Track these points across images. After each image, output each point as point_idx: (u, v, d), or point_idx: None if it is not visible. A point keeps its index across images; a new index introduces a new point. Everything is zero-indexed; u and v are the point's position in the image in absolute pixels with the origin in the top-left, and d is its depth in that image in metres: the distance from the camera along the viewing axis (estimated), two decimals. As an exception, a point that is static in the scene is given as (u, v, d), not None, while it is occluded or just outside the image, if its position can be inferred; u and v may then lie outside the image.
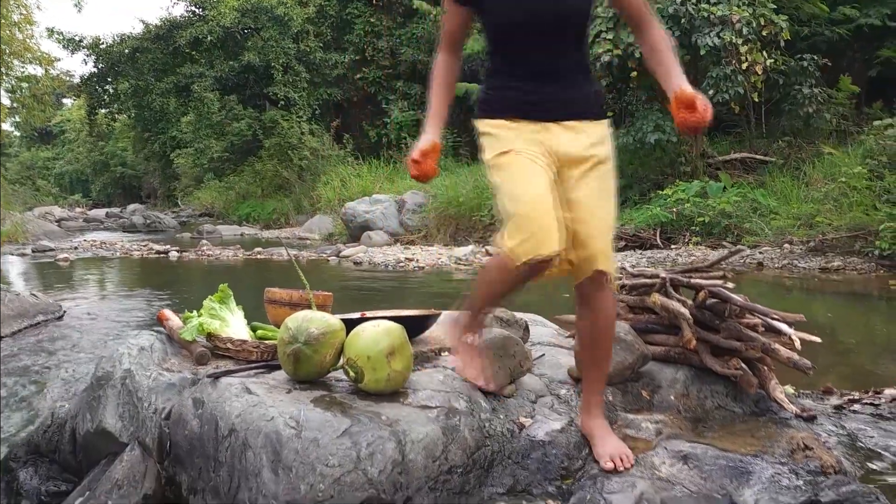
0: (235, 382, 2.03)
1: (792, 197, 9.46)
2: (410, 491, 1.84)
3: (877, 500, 1.72)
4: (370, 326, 2.10)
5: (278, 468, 1.79)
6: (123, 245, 11.97)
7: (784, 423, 2.32)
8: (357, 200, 13.85)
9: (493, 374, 2.23)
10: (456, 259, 9.44)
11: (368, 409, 1.98)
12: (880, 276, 7.18)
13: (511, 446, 2.06)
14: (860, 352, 4.30)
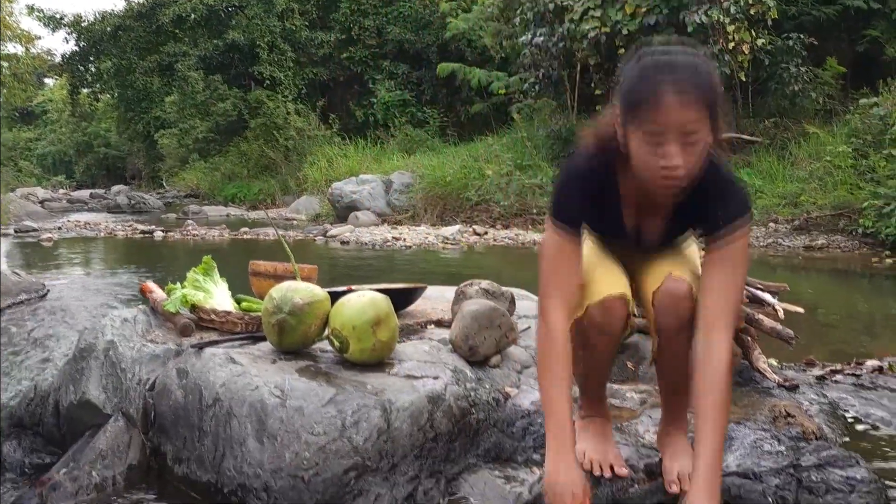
0: (220, 353, 2.02)
1: (777, 176, 9.51)
2: (396, 458, 1.85)
3: (857, 465, 1.73)
4: (355, 297, 2.09)
5: (263, 437, 1.79)
6: (108, 225, 11.86)
7: (767, 392, 2.34)
8: (344, 181, 13.77)
9: (480, 343, 2.23)
10: (443, 238, 9.43)
11: (354, 378, 1.98)
12: (863, 254, 7.25)
13: (496, 415, 2.07)
14: (842, 327, 4.34)
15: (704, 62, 1.42)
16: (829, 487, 1.68)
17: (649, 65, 1.40)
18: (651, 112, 1.37)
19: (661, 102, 1.36)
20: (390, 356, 2.13)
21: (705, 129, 1.38)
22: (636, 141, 1.42)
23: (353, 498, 1.78)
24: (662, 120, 1.36)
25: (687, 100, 1.35)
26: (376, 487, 1.80)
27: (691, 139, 1.37)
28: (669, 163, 1.38)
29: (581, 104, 12.33)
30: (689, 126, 1.36)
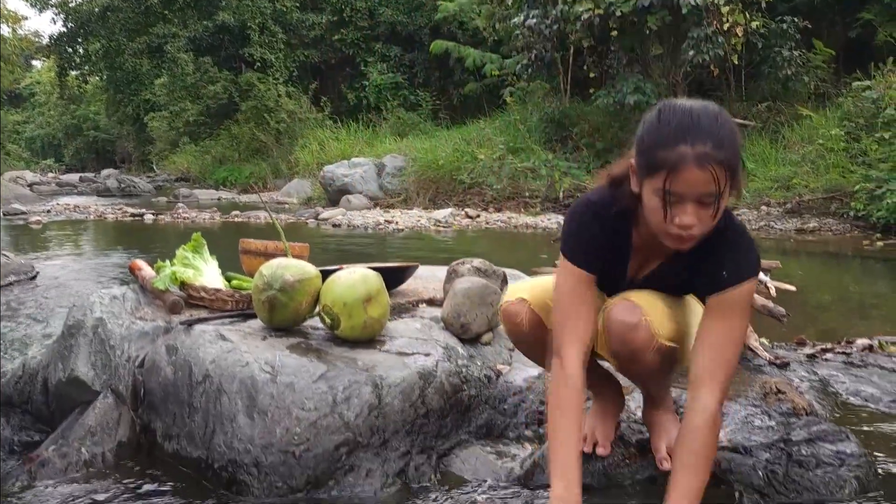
0: (209, 329, 2.01)
1: (770, 160, 9.51)
2: (387, 434, 1.84)
3: (847, 439, 1.74)
4: (346, 274, 2.08)
5: (253, 413, 1.78)
6: (97, 208, 11.77)
7: (758, 369, 2.35)
8: (336, 164, 13.68)
9: (472, 320, 2.23)
10: (435, 221, 9.42)
11: (345, 355, 1.97)
12: (854, 237, 7.27)
13: (488, 392, 2.06)
14: (833, 309, 4.36)
15: (727, 124, 1.35)
16: (819, 461, 1.68)
17: (671, 127, 1.34)
18: (670, 178, 1.33)
19: (681, 171, 1.31)
20: (382, 333, 2.12)
21: (726, 190, 1.35)
22: (651, 196, 1.38)
23: (345, 473, 1.77)
24: (682, 189, 1.33)
25: (709, 169, 1.31)
26: (367, 463, 1.80)
27: (710, 200, 1.34)
28: (683, 223, 1.35)
29: (574, 87, 12.29)
30: (709, 191, 1.33)
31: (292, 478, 1.73)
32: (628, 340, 1.52)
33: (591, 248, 1.53)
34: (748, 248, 1.46)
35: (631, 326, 1.51)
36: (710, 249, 1.47)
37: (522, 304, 1.65)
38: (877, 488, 1.65)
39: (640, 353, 1.53)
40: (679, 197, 1.34)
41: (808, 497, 1.62)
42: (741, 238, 1.47)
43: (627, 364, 1.60)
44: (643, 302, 1.54)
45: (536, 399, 2.06)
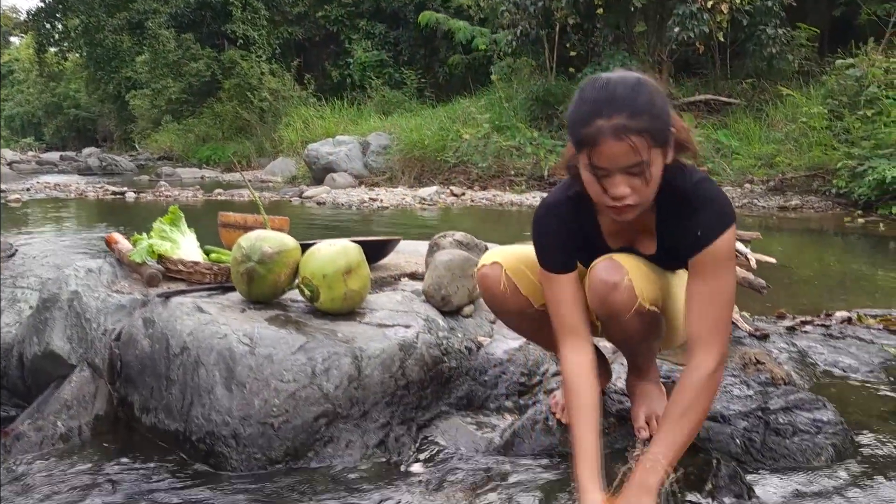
0: (187, 302, 1.99)
1: (754, 138, 9.53)
2: (367, 405, 1.83)
3: (823, 407, 1.76)
4: (326, 245, 2.06)
5: (232, 384, 1.77)
6: (78, 187, 11.62)
7: (738, 341, 2.36)
8: (320, 142, 13.57)
9: (453, 293, 2.22)
10: (420, 199, 9.38)
11: (324, 326, 1.95)
12: (836, 214, 7.32)
13: (469, 363, 2.06)
14: (814, 284, 4.39)
15: (645, 92, 1.34)
16: (796, 429, 1.70)
17: (589, 103, 1.34)
18: (593, 153, 1.34)
19: (600, 145, 1.32)
20: (362, 306, 2.11)
21: (654, 157, 1.34)
22: (584, 172, 1.39)
23: (324, 445, 1.76)
24: (605, 163, 1.33)
25: (627, 140, 1.30)
26: (347, 434, 1.79)
27: (637, 170, 1.34)
28: (616, 195, 1.36)
29: (560, 65, 12.22)
30: (633, 161, 1.32)
31: (271, 449, 1.72)
32: (610, 300, 1.51)
33: (561, 249, 1.55)
34: (717, 200, 1.45)
35: (612, 286, 1.49)
36: (680, 213, 1.47)
37: (496, 268, 1.64)
38: (853, 455, 1.66)
39: (621, 315, 1.52)
40: (605, 171, 1.34)
41: (784, 464, 1.63)
42: (708, 193, 1.45)
43: (608, 325, 1.59)
44: (627, 263, 1.52)
45: (517, 371, 2.06)
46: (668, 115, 1.37)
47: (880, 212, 6.98)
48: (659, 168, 1.37)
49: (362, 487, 1.64)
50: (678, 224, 1.48)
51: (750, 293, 2.61)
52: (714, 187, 1.47)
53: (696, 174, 1.47)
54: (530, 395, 1.99)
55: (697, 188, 1.45)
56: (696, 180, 1.45)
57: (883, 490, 1.50)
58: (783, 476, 1.58)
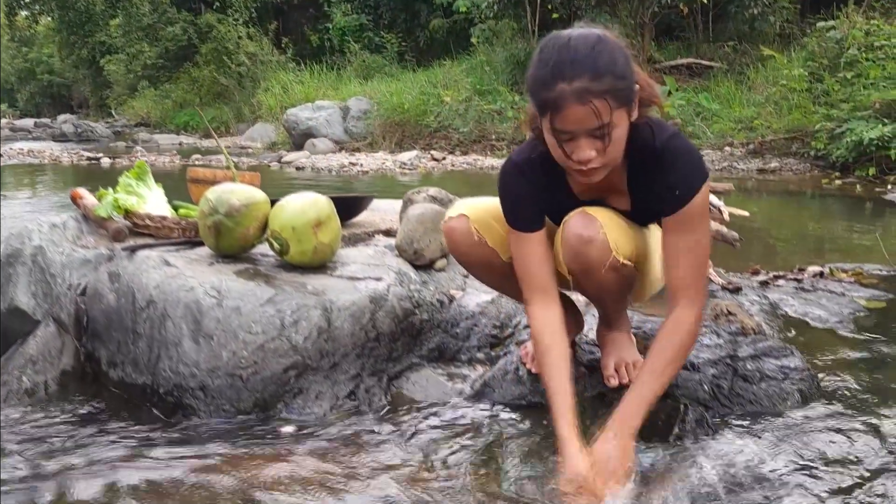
0: (153, 255, 1.95)
1: (734, 101, 9.53)
2: (337, 357, 1.82)
3: (791, 355, 1.77)
4: (295, 198, 2.02)
5: (199, 337, 1.74)
6: (52, 153, 11.41)
7: (711, 294, 2.37)
8: (299, 107, 13.38)
9: (425, 246, 2.20)
10: (400, 164, 9.32)
11: (294, 279, 1.93)
12: (814, 176, 7.37)
13: (441, 316, 2.05)
14: (790, 243, 4.42)
15: (606, 51, 1.30)
16: (764, 376, 1.71)
17: (550, 66, 1.30)
18: (556, 118, 1.31)
19: (563, 110, 1.29)
20: (333, 259, 2.09)
21: (617, 117, 1.31)
22: (548, 135, 1.37)
23: (294, 396, 1.76)
24: (569, 126, 1.31)
25: (590, 104, 1.27)
26: (317, 385, 1.78)
27: (601, 133, 1.31)
28: (581, 158, 1.34)
29: (542, 28, 12.08)
30: (596, 124, 1.30)
31: (240, 401, 1.71)
32: (584, 255, 1.49)
33: (529, 208, 1.53)
34: (689, 157, 1.43)
35: (587, 240, 1.48)
36: (651, 171, 1.45)
37: (463, 221, 1.62)
38: (818, 400, 1.68)
39: (596, 269, 1.51)
40: (569, 134, 1.32)
41: (752, 409, 1.65)
42: (679, 149, 1.43)
43: (582, 279, 1.57)
44: (602, 216, 1.50)
45: (489, 323, 2.05)
46: (631, 73, 1.35)
47: (857, 173, 7.03)
48: (624, 128, 1.35)
49: (332, 438, 1.63)
50: (651, 182, 1.46)
51: (725, 250, 2.62)
52: (685, 143, 1.46)
53: (667, 130, 1.45)
54: (502, 347, 1.99)
55: (668, 145, 1.43)
56: (666, 137, 1.43)
57: (846, 433, 1.51)
58: (750, 420, 1.59)
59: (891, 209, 5.57)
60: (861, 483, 1.31)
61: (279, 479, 1.43)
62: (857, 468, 1.37)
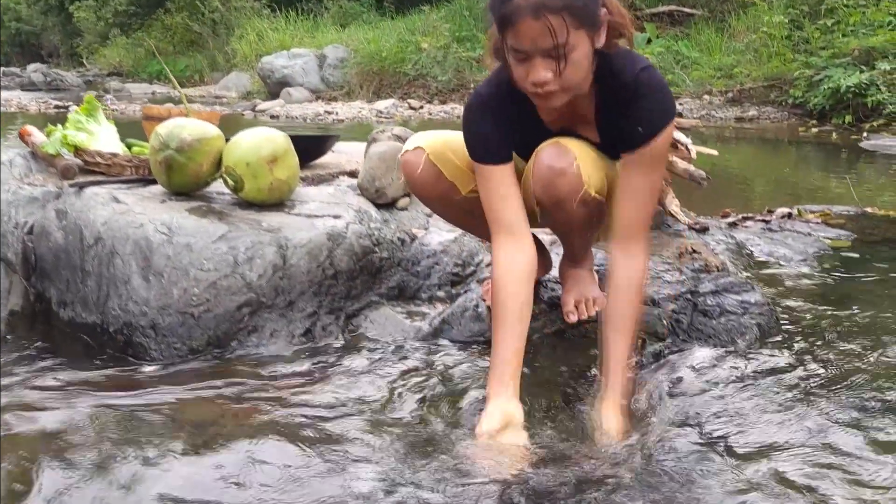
0: (102, 192, 1.89)
1: (715, 49, 9.42)
2: (293, 295, 1.78)
3: (752, 290, 1.76)
4: (250, 133, 1.96)
5: (149, 274, 1.70)
6: (20, 101, 11.10)
7: (677, 234, 2.34)
8: (274, 55, 13.08)
9: (387, 185, 2.15)
10: (377, 112, 9.18)
11: (249, 217, 1.88)
12: (791, 125, 7.35)
13: (401, 254, 2.01)
14: (765, 192, 4.42)
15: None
16: (723, 310, 1.70)
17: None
18: (512, 35, 1.25)
19: (518, 25, 1.23)
20: (291, 198, 2.03)
21: (576, 38, 1.24)
22: (508, 55, 1.31)
23: (248, 334, 1.72)
24: (524, 44, 1.25)
25: (543, 17, 1.21)
26: (272, 324, 1.75)
27: (556, 52, 1.24)
28: (536, 80, 1.28)
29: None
30: (550, 43, 1.23)
31: (192, 339, 1.67)
32: (555, 187, 1.43)
33: (495, 139, 1.45)
34: (659, 92, 1.37)
35: (559, 172, 1.42)
36: (620, 103, 1.39)
37: (419, 154, 1.56)
38: (777, 334, 1.68)
39: (566, 202, 1.46)
40: (525, 53, 1.26)
41: (710, 343, 1.64)
42: (650, 83, 1.37)
43: (551, 213, 1.52)
44: (575, 148, 1.44)
45: (451, 261, 2.02)
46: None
47: (834, 121, 7.02)
48: (584, 52, 1.28)
49: (286, 375, 1.60)
50: (619, 114, 1.40)
51: (700, 194, 2.59)
52: (657, 76, 1.39)
53: (640, 62, 1.39)
54: (463, 285, 1.96)
55: (639, 77, 1.36)
56: (639, 69, 1.37)
57: (801, 365, 1.51)
58: (707, 354, 1.58)
59: (865, 156, 5.58)
60: (810, 412, 1.31)
61: (225, 415, 1.40)
62: (808, 398, 1.37)
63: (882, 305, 1.86)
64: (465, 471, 1.18)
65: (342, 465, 1.21)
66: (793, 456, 1.18)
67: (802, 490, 1.09)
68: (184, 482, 1.14)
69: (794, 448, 1.20)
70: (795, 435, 1.24)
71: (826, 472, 1.13)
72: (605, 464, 1.21)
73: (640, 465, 1.19)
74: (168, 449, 1.25)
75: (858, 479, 1.11)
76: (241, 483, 1.15)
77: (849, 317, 1.78)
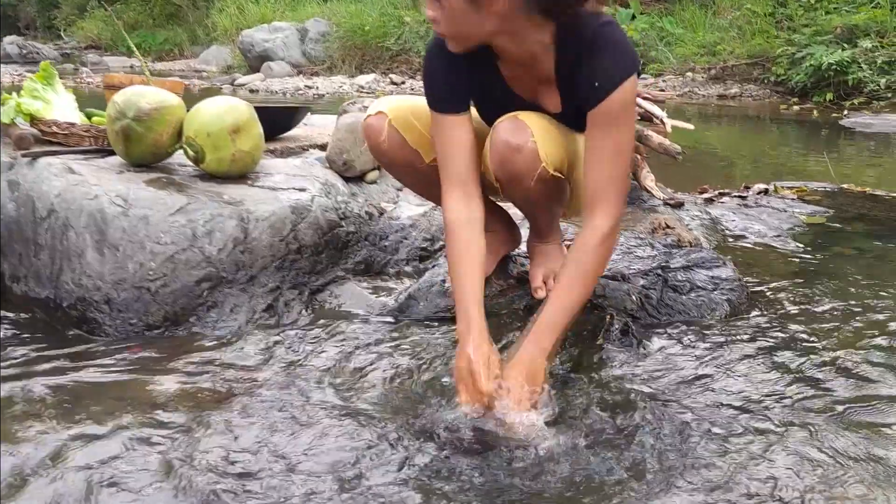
0: (56, 163, 1.82)
1: (699, 25, 9.35)
2: (255, 270, 1.73)
3: (724, 265, 1.73)
4: (212, 102, 1.89)
5: (104, 248, 1.64)
6: (-8, 74, 10.85)
7: (652, 209, 2.31)
8: (255, 28, 12.85)
9: (355, 157, 2.09)
10: (358, 87, 9.05)
11: (210, 189, 1.82)
12: (773, 102, 7.33)
13: (369, 228, 1.96)
14: (744, 167, 4.40)
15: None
16: (694, 286, 1.67)
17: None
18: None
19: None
20: (255, 169, 1.97)
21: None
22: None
23: (207, 309, 1.67)
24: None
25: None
26: (233, 299, 1.70)
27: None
28: (426, 16, 1.29)
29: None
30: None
31: (148, 314, 1.62)
32: (511, 164, 1.39)
33: (450, 86, 1.41)
34: (618, 46, 1.31)
35: (515, 148, 1.37)
36: (580, 59, 1.33)
37: (381, 119, 1.51)
38: (747, 310, 1.65)
39: (523, 179, 1.41)
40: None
41: (679, 318, 1.61)
42: (609, 37, 1.31)
43: (509, 189, 1.47)
44: (533, 123, 1.39)
45: (420, 236, 1.98)
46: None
47: (815, 99, 7.00)
48: (458, 6, 1.24)
49: (246, 352, 1.56)
50: (578, 71, 1.35)
51: (679, 170, 2.57)
52: (616, 32, 1.33)
53: (601, 18, 1.34)
54: (432, 260, 1.92)
55: (598, 31, 1.30)
56: (598, 24, 1.31)
57: (770, 340, 1.49)
58: (676, 330, 1.56)
59: (845, 134, 5.57)
60: (774, 390, 1.28)
61: (178, 394, 1.36)
62: (773, 373, 1.34)
63: (853, 281, 1.85)
64: (430, 446, 1.15)
65: (295, 447, 1.18)
66: (755, 430, 1.16)
67: (769, 474, 1.07)
68: (124, 462, 1.10)
69: (757, 422, 1.18)
70: (756, 410, 1.22)
71: (791, 448, 1.11)
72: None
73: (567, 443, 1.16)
74: (115, 427, 1.21)
75: (825, 457, 1.09)
76: (188, 463, 1.11)
77: (819, 292, 1.75)
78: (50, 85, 2.11)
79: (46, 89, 2.10)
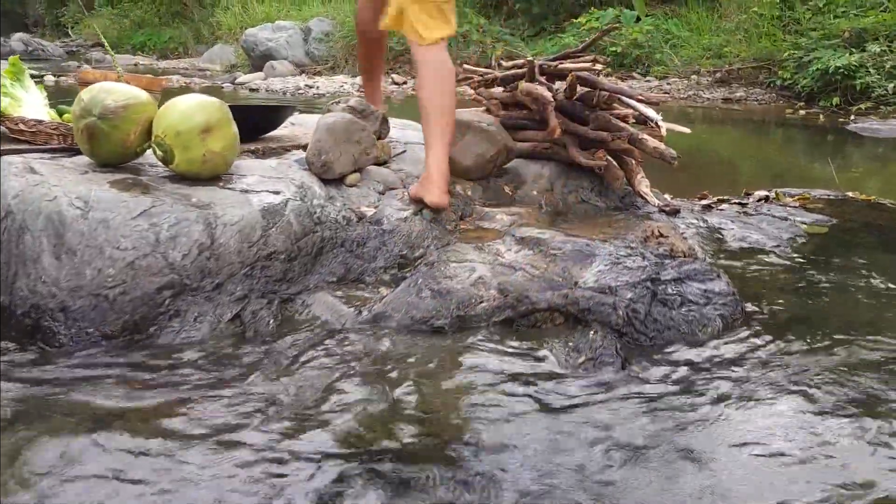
0: (17, 161, 1.73)
1: (705, 28, 9.23)
2: (221, 277, 1.64)
3: (717, 278, 1.63)
4: (182, 100, 1.81)
5: (61, 253, 1.55)
6: (-6, 70, 10.81)
7: (646, 216, 2.22)
8: (259, 27, 12.79)
9: (335, 159, 2.00)
10: (359, 87, 8.95)
11: (178, 191, 1.73)
12: (779, 106, 7.20)
13: (346, 234, 1.87)
14: (748, 172, 4.29)
15: None
16: (685, 300, 1.58)
17: None
18: None
19: None
20: (228, 171, 1.88)
21: None
22: None
23: (169, 319, 1.58)
24: None
25: None
26: (196, 307, 1.61)
27: None
28: None
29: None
30: None
31: (105, 323, 1.53)
32: None
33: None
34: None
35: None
36: None
37: None
38: (741, 326, 1.56)
39: None
40: None
41: (669, 336, 1.52)
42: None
43: None
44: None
45: (399, 242, 1.88)
46: None
47: (822, 104, 6.87)
48: None
49: (208, 363, 1.47)
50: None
51: (680, 176, 2.47)
52: None
53: None
54: (410, 269, 1.82)
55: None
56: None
57: (762, 361, 1.39)
58: (665, 348, 1.46)
59: (852, 139, 5.45)
60: (768, 412, 1.19)
61: (132, 408, 1.27)
62: (764, 394, 1.25)
63: (853, 296, 1.74)
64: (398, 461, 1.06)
65: (257, 463, 1.09)
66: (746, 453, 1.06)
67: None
68: (72, 481, 1.02)
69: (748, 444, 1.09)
70: (748, 433, 1.12)
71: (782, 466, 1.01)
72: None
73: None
74: (65, 444, 1.12)
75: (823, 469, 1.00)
76: (139, 481, 1.03)
77: (818, 308, 1.65)
78: (19, 81, 2.03)
79: (15, 85, 2.02)
